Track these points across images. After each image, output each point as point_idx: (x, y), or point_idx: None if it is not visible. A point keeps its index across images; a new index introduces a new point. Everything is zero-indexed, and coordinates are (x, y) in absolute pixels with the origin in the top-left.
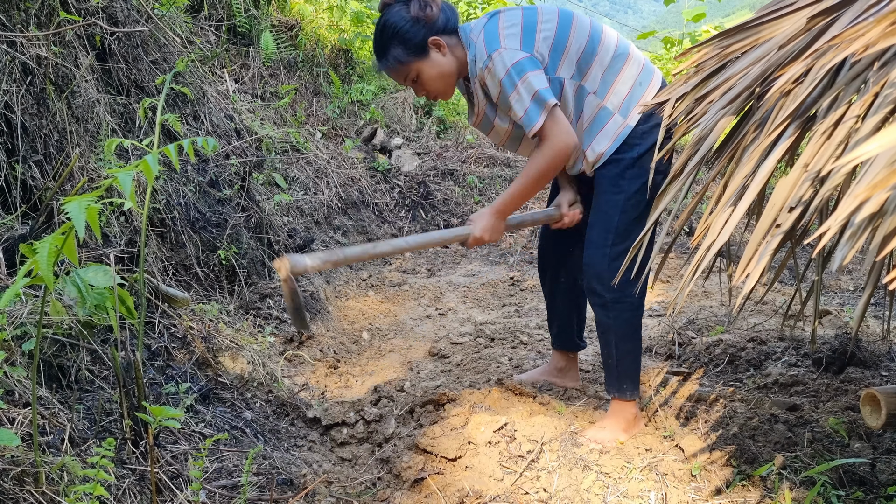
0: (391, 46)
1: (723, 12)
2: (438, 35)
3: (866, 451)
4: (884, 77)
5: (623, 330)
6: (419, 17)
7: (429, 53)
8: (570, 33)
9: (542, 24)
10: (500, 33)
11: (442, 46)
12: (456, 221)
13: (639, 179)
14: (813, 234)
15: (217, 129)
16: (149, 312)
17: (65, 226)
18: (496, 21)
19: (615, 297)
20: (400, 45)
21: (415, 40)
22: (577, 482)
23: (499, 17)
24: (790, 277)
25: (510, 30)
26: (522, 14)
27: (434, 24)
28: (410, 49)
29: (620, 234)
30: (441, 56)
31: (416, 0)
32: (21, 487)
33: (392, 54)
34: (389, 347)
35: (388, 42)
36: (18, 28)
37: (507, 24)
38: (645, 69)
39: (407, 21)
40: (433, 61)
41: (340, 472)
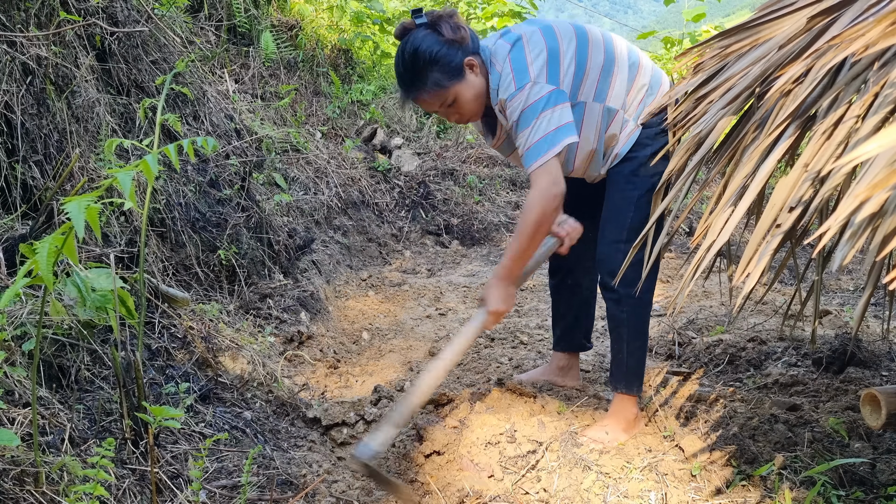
0: (429, 72)
1: (723, 12)
2: (473, 55)
3: (866, 451)
4: (884, 77)
5: (635, 325)
6: (454, 40)
7: (465, 76)
8: (589, 54)
9: (563, 49)
10: (528, 64)
11: (475, 66)
12: (456, 221)
13: (650, 179)
14: (813, 234)
15: (217, 129)
16: (149, 312)
17: (65, 226)
18: (521, 49)
19: (629, 293)
20: (438, 70)
21: (453, 63)
22: (577, 482)
23: (523, 43)
24: (790, 277)
25: (538, 60)
26: (545, 40)
27: (468, 45)
28: (450, 73)
29: (635, 230)
30: (475, 77)
31: (446, 23)
32: (21, 487)
33: (431, 80)
34: (389, 347)
35: (425, 68)
36: (18, 28)
37: (533, 51)
38: (654, 74)
39: (443, 45)
40: (470, 83)
41: (340, 472)
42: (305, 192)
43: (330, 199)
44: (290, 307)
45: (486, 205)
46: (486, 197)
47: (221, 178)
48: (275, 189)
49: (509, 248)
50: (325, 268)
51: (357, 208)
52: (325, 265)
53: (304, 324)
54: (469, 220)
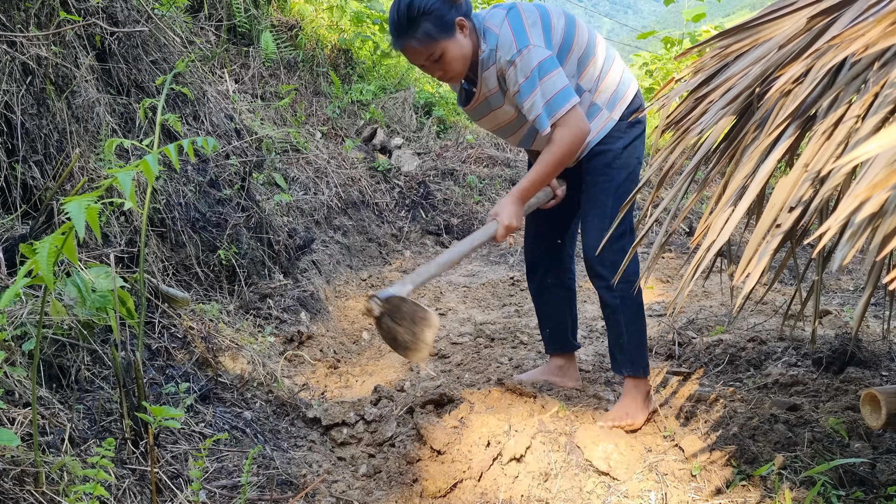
0: (422, 22)
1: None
2: (464, 16)
3: (866, 451)
4: (884, 77)
5: (631, 309)
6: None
7: (455, 33)
8: (575, 34)
9: (555, 22)
10: (526, 28)
11: (465, 27)
12: (456, 221)
13: (625, 169)
14: (813, 234)
15: (217, 129)
16: (149, 312)
17: (65, 226)
18: (519, 14)
19: (620, 280)
20: (430, 22)
21: (445, 18)
22: (577, 482)
23: (518, 10)
24: (790, 277)
25: (535, 25)
26: (539, 10)
27: (461, 6)
28: (441, 26)
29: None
30: (464, 38)
31: None
32: (21, 487)
33: (422, 29)
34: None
35: (418, 18)
36: (18, 28)
37: (529, 18)
38: (625, 70)
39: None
40: (458, 42)
41: (340, 472)
42: (305, 192)
43: (330, 199)
44: (290, 307)
45: (486, 205)
46: (486, 197)
47: (221, 178)
48: (275, 189)
49: (532, 173)
50: (325, 268)
51: (357, 208)
52: (325, 265)
53: (304, 324)
54: (469, 220)
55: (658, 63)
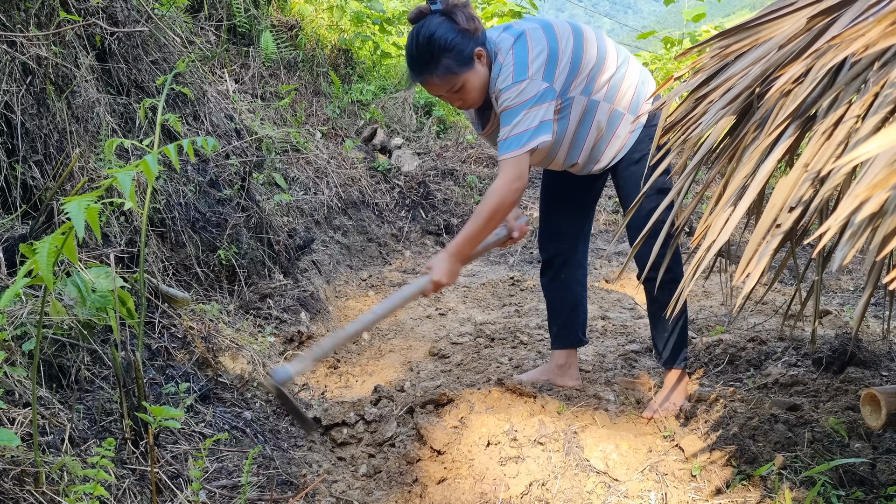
0: (442, 58)
1: (723, 12)
2: (482, 46)
3: (866, 451)
4: (884, 77)
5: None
6: (468, 30)
7: (475, 65)
8: (584, 53)
9: (563, 48)
10: (529, 60)
11: (483, 57)
12: (456, 221)
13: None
14: (813, 234)
15: (217, 129)
16: (149, 312)
17: (65, 226)
18: (525, 45)
19: (669, 277)
20: (451, 58)
21: (465, 52)
22: (577, 482)
23: (526, 38)
24: (790, 277)
25: (539, 57)
26: (546, 38)
27: (479, 36)
28: (461, 61)
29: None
30: (482, 67)
31: (461, 12)
32: (21, 487)
33: (443, 65)
34: (389, 347)
35: (438, 54)
36: (18, 28)
37: (535, 48)
38: (642, 69)
39: (457, 33)
40: (478, 72)
41: (340, 472)
42: (305, 192)
43: (330, 199)
44: (290, 307)
45: None
46: None
47: (221, 178)
48: (275, 189)
49: (465, 228)
50: (325, 268)
51: (357, 208)
52: (325, 265)
53: (304, 324)
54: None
55: (658, 63)
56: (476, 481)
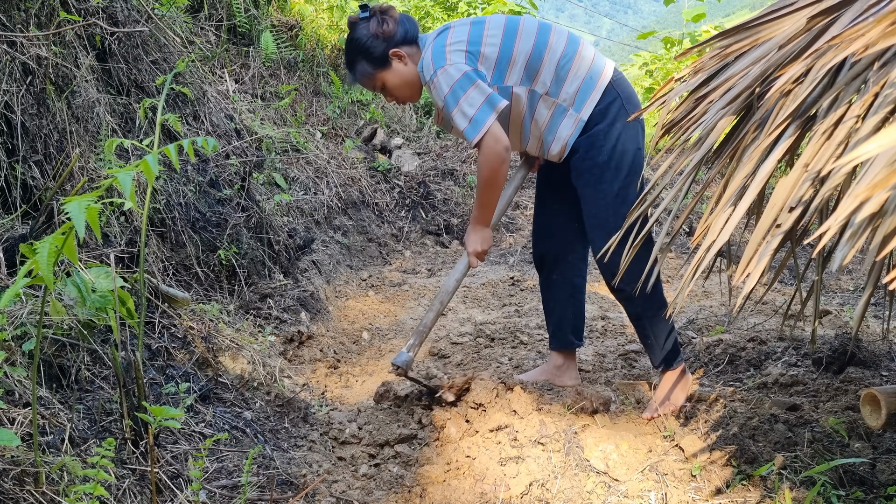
0: (357, 61)
1: (723, 12)
2: (398, 46)
3: (866, 451)
4: (884, 77)
5: (652, 312)
6: (378, 33)
7: (391, 64)
8: (515, 44)
9: (487, 39)
10: (446, 50)
11: (403, 57)
12: (456, 221)
13: (617, 178)
14: (813, 234)
15: (217, 129)
16: (149, 312)
17: (65, 226)
18: (444, 37)
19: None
20: (364, 59)
21: (376, 53)
22: (578, 482)
23: (448, 32)
24: (790, 277)
25: (456, 46)
26: (469, 30)
27: (393, 37)
28: (373, 62)
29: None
30: (402, 66)
31: (375, 17)
32: (21, 487)
33: (358, 68)
34: (389, 347)
35: (354, 57)
36: (18, 28)
37: (454, 39)
38: (594, 62)
39: (368, 37)
40: (395, 71)
41: (340, 472)
42: (305, 192)
43: (330, 199)
44: (290, 307)
45: None
46: None
47: (221, 178)
48: (275, 189)
49: (475, 200)
50: (325, 268)
51: (357, 208)
52: (325, 265)
53: (304, 324)
54: (469, 220)
55: (658, 63)
56: (476, 481)
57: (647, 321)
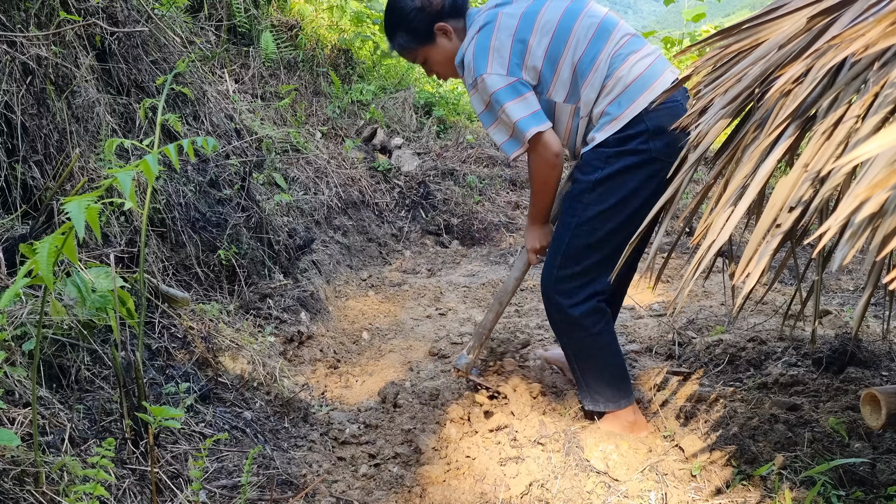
0: (397, 34)
1: (723, 12)
2: (445, 20)
3: (866, 451)
4: (884, 77)
5: (576, 349)
6: (423, 6)
7: (435, 39)
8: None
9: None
10: (490, 52)
11: (448, 32)
12: (456, 221)
13: (596, 206)
14: (813, 234)
15: (217, 129)
16: (149, 312)
17: (65, 226)
18: (489, 34)
19: (562, 318)
20: (405, 33)
21: (420, 28)
22: (577, 482)
23: (493, 27)
24: (790, 277)
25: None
26: (518, 27)
27: (440, 10)
28: (416, 36)
29: (569, 257)
30: (447, 41)
31: None
32: (21, 487)
33: (398, 41)
34: (389, 347)
35: (394, 28)
36: (18, 28)
37: (499, 37)
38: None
39: (412, 9)
40: (439, 47)
41: (340, 472)
42: (305, 192)
43: (330, 199)
44: (290, 307)
45: (486, 205)
46: (486, 197)
47: (221, 178)
48: (275, 189)
49: (531, 200)
50: (325, 268)
51: (357, 208)
52: (325, 265)
53: (304, 324)
54: (469, 220)
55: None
56: (476, 481)
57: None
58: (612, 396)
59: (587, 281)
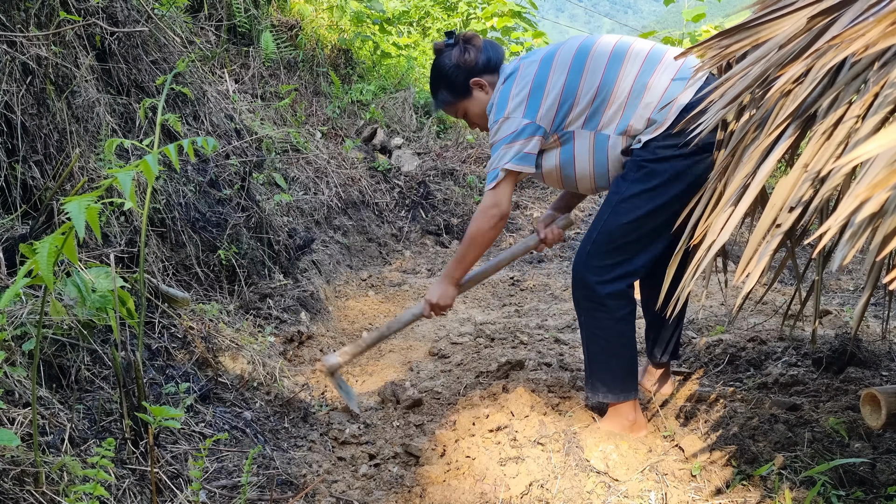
0: (439, 90)
1: (723, 12)
2: (480, 75)
3: (866, 451)
4: (884, 77)
5: (592, 331)
6: (459, 63)
7: (472, 94)
8: (580, 83)
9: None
10: (510, 98)
11: (484, 86)
12: (456, 221)
13: (640, 184)
14: (813, 234)
15: (217, 129)
16: (149, 312)
17: (65, 226)
18: (512, 81)
19: (586, 296)
20: (445, 89)
21: (457, 83)
22: (577, 482)
23: (516, 76)
24: (790, 277)
25: (519, 95)
26: (537, 74)
27: (474, 66)
28: (454, 91)
29: (606, 233)
30: (483, 94)
31: (458, 46)
32: (21, 487)
33: (440, 97)
34: (389, 347)
35: (437, 85)
36: (18, 28)
37: (518, 85)
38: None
39: (450, 66)
40: (476, 100)
41: (340, 472)
42: (305, 192)
43: (330, 199)
44: (290, 307)
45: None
46: None
47: (221, 178)
48: (275, 189)
49: (458, 251)
50: (325, 268)
51: (357, 208)
52: (325, 265)
53: (304, 324)
54: (469, 220)
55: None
56: (476, 481)
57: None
58: (614, 387)
59: (620, 260)
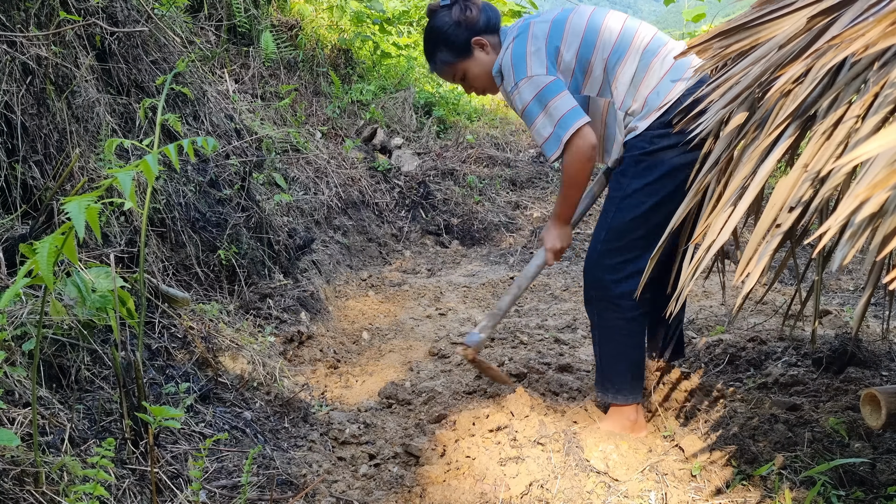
0: (438, 50)
1: (723, 12)
2: (481, 35)
3: (866, 451)
4: (884, 77)
5: (606, 331)
6: (460, 21)
7: (473, 53)
8: (595, 50)
9: (565, 45)
10: (527, 57)
11: (485, 46)
12: (456, 221)
13: (641, 179)
14: (813, 234)
15: (217, 129)
16: (149, 312)
17: (65, 226)
18: (524, 41)
19: (599, 296)
20: (445, 48)
21: (458, 42)
22: (577, 482)
23: (526, 36)
24: (790, 277)
25: (537, 54)
26: (550, 33)
27: (476, 25)
28: (455, 51)
29: (614, 231)
30: (485, 55)
31: (458, 4)
32: (21, 487)
33: (439, 57)
34: (389, 347)
35: (434, 46)
36: (18, 28)
37: (534, 43)
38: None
39: (450, 25)
40: (477, 60)
41: (340, 472)
42: (305, 192)
43: (330, 199)
44: (290, 307)
45: (486, 205)
46: (486, 197)
47: (221, 178)
48: (275, 189)
49: (559, 196)
50: (325, 268)
51: (357, 208)
52: (325, 265)
53: (304, 324)
54: (469, 220)
55: None
56: (476, 481)
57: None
58: (622, 388)
59: (631, 258)
